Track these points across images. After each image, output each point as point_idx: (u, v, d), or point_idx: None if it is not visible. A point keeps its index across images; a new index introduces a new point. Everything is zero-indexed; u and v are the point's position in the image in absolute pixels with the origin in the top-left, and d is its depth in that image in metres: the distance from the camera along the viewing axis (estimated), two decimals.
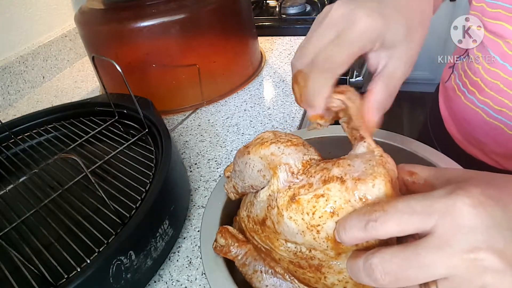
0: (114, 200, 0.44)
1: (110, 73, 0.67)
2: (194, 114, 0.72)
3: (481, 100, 0.51)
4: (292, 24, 1.00)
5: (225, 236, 0.33)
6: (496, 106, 0.49)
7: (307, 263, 0.28)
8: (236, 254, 0.33)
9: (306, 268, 0.29)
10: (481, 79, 0.50)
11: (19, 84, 0.89)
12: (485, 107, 0.51)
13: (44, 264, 0.38)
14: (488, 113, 0.50)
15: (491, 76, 0.49)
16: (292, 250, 0.29)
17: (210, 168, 0.58)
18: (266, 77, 0.81)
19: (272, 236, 0.30)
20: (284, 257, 0.30)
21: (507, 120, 0.48)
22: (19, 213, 0.45)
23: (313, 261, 0.28)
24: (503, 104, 0.48)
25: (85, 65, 1.03)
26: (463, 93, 0.55)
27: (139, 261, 0.38)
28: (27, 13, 0.91)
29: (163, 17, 0.64)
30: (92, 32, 0.72)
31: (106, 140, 0.57)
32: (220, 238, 0.33)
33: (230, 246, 0.33)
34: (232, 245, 0.33)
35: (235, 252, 0.33)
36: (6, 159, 0.56)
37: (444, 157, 0.40)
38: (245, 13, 0.78)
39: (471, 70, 0.52)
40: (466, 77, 0.54)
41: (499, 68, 0.47)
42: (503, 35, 0.44)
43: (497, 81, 0.48)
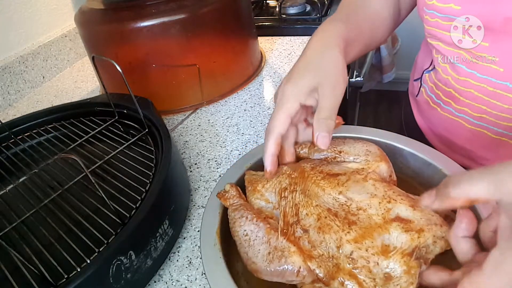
0: (114, 200, 0.44)
1: (110, 73, 0.67)
2: (194, 114, 0.72)
3: (459, 109, 0.51)
4: (292, 24, 1.00)
5: (232, 187, 0.38)
6: (475, 113, 0.49)
7: (344, 215, 0.33)
8: (233, 202, 0.37)
9: (340, 218, 0.33)
10: (454, 89, 0.50)
11: (19, 84, 0.89)
12: (464, 116, 0.51)
13: (44, 264, 0.38)
14: (468, 120, 0.50)
15: (463, 85, 0.48)
16: (339, 201, 0.34)
17: (210, 168, 0.58)
18: (266, 77, 0.81)
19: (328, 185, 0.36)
20: (324, 203, 0.35)
21: (488, 125, 0.48)
22: (19, 213, 0.45)
23: (352, 216, 0.33)
24: (481, 111, 0.48)
25: (85, 65, 1.03)
26: (439, 105, 0.55)
27: (139, 261, 0.38)
28: (27, 13, 0.91)
29: (163, 17, 0.64)
30: (92, 32, 0.72)
31: (106, 140, 0.57)
32: (227, 186, 0.38)
33: (232, 195, 0.38)
34: (234, 195, 0.38)
35: (233, 200, 0.37)
36: (6, 159, 0.56)
37: (444, 157, 0.40)
38: (245, 13, 0.78)
39: (441, 81, 0.52)
40: (438, 89, 0.54)
41: (469, 76, 0.47)
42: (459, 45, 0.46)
43: (470, 89, 0.48)
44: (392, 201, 0.33)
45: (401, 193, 0.35)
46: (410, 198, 0.34)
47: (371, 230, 0.31)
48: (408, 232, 0.31)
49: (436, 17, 0.47)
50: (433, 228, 0.31)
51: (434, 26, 0.48)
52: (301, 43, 0.93)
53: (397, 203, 0.33)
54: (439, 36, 0.48)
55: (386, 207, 0.33)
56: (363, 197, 0.34)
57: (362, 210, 0.33)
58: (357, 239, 0.31)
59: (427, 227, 0.31)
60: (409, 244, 0.30)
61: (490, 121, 0.47)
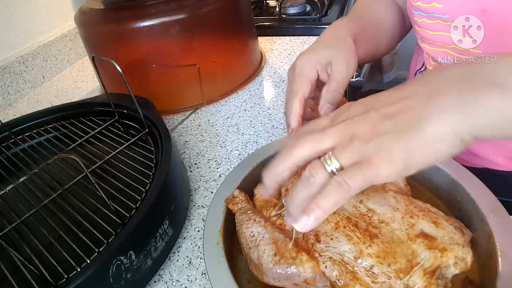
0: (114, 200, 0.44)
1: (110, 73, 0.67)
2: (194, 114, 0.72)
3: None
4: (292, 24, 1.00)
5: (240, 192, 0.38)
6: None
7: (365, 227, 0.32)
8: (241, 206, 0.37)
9: (360, 230, 0.32)
10: None
11: (19, 84, 0.89)
12: None
13: (44, 264, 0.38)
14: None
15: None
16: (361, 211, 0.33)
17: (210, 168, 0.58)
18: (266, 77, 0.81)
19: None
20: (343, 210, 0.33)
21: None
22: (19, 213, 0.45)
23: (374, 229, 0.32)
24: None
25: (85, 65, 1.03)
26: None
27: (139, 261, 0.38)
28: (27, 13, 0.91)
29: (163, 17, 0.64)
30: (92, 32, 0.72)
31: (106, 140, 0.57)
32: (236, 191, 0.38)
33: (240, 199, 0.38)
34: (242, 199, 0.38)
35: (241, 205, 0.37)
36: (6, 159, 0.56)
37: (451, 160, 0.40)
38: (245, 13, 0.78)
39: None
40: None
41: None
42: (444, 44, 0.48)
43: None
44: (414, 216, 0.32)
45: (422, 207, 0.34)
46: (432, 214, 0.33)
47: (394, 246, 0.30)
48: (432, 250, 0.30)
49: (423, 17, 0.49)
50: (456, 249, 0.30)
51: (422, 27, 0.50)
52: (301, 43, 0.93)
53: (420, 219, 0.32)
54: (426, 36, 0.50)
55: (410, 223, 0.32)
56: (385, 209, 0.33)
57: (384, 224, 0.32)
58: (379, 254, 0.30)
59: (450, 246, 0.30)
60: (431, 262, 0.29)
61: None
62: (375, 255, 0.30)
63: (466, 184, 0.37)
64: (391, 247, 0.30)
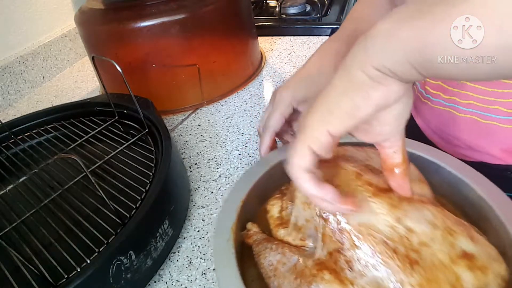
0: (114, 200, 0.44)
1: (110, 73, 0.67)
2: (194, 114, 0.72)
3: (448, 99, 0.53)
4: (292, 24, 1.00)
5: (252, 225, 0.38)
6: (463, 100, 0.51)
7: (405, 252, 0.28)
8: (256, 238, 0.37)
9: (400, 256, 0.28)
10: (443, 81, 0.53)
11: (19, 84, 0.89)
12: (454, 105, 0.53)
13: (44, 264, 0.38)
14: (458, 109, 0.52)
15: None
16: (399, 232, 0.29)
17: (210, 168, 0.58)
18: (266, 77, 0.81)
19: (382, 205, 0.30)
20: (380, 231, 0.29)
21: (477, 110, 0.50)
22: (19, 213, 0.45)
23: (413, 253, 0.28)
24: (468, 97, 0.50)
25: (85, 65, 1.03)
26: (428, 99, 0.57)
27: (139, 261, 0.38)
28: (27, 13, 0.91)
29: (163, 17, 0.64)
30: (92, 32, 0.72)
31: (106, 140, 0.57)
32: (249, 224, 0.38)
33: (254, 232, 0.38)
34: (256, 232, 0.37)
35: (256, 236, 0.37)
36: (6, 159, 0.56)
37: (447, 155, 0.40)
38: (245, 13, 0.78)
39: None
40: (427, 84, 0.57)
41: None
42: None
43: None
44: (453, 232, 0.29)
45: (455, 220, 0.30)
46: (466, 226, 0.30)
47: (436, 272, 0.27)
48: (473, 270, 0.27)
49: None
50: (494, 266, 0.28)
51: None
52: (301, 43, 0.93)
53: (459, 235, 0.29)
54: None
55: (450, 242, 0.28)
56: (424, 228, 0.29)
57: (425, 246, 0.28)
58: (423, 283, 0.27)
59: (489, 264, 0.28)
60: (473, 282, 0.27)
61: (478, 106, 0.49)
62: (418, 285, 0.26)
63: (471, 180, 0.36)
64: (434, 274, 0.27)
